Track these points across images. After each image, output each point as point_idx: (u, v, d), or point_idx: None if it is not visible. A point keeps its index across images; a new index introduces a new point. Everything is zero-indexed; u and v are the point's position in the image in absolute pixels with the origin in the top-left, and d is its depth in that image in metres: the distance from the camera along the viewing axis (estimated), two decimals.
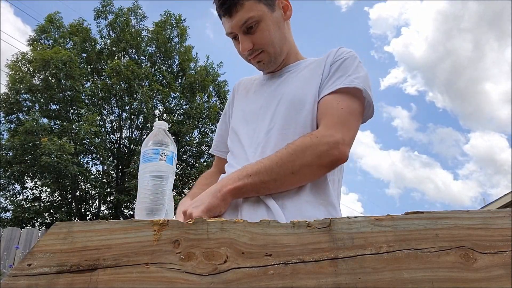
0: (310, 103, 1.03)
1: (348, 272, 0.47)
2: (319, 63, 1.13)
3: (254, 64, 1.13)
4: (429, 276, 0.47)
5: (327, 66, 1.10)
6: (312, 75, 1.10)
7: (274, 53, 1.10)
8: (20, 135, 10.44)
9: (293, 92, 1.07)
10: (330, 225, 0.50)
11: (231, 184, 0.91)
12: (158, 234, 0.48)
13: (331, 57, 1.12)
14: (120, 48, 13.24)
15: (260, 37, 1.06)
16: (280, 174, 0.93)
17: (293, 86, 1.09)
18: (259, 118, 1.09)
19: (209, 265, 0.46)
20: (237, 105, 1.25)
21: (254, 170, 0.93)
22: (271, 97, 1.12)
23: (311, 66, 1.14)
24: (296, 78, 1.12)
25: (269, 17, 1.06)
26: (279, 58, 1.12)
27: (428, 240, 0.50)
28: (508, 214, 0.53)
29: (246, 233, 0.49)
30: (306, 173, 0.95)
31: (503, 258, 0.49)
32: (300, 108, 1.04)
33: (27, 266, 0.44)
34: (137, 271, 0.45)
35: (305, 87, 1.07)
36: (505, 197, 8.40)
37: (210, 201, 0.88)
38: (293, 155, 0.94)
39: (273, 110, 1.07)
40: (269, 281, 0.46)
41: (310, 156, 0.93)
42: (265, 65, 1.12)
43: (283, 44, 1.12)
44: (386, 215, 0.53)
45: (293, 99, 1.06)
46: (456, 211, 0.53)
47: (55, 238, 0.47)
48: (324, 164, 0.95)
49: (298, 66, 1.17)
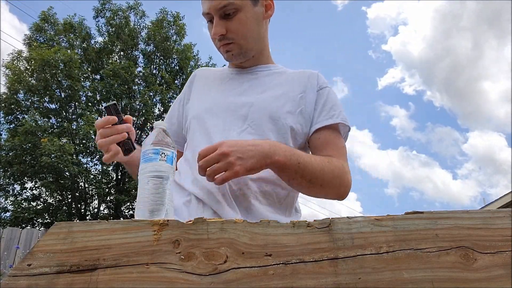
0: (285, 118, 1.03)
1: (348, 272, 0.47)
2: (300, 80, 1.12)
3: (223, 52, 1.09)
4: (429, 276, 0.47)
5: (313, 91, 1.11)
6: (291, 90, 1.09)
7: (246, 46, 1.07)
8: (20, 135, 10.44)
9: (268, 101, 1.05)
10: (330, 225, 0.50)
11: (282, 156, 0.87)
12: (158, 234, 0.48)
13: (315, 81, 1.13)
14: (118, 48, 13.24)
15: (235, 26, 1.03)
16: (317, 179, 0.93)
17: (268, 95, 1.07)
18: (230, 114, 1.04)
19: (209, 265, 0.46)
20: (198, 94, 1.18)
21: (304, 160, 0.91)
22: (243, 95, 1.08)
23: (288, 78, 1.13)
24: (270, 85, 1.10)
25: (250, 10, 1.04)
26: (249, 53, 1.09)
27: (428, 240, 0.50)
28: (508, 214, 0.53)
29: (246, 233, 0.49)
30: (327, 192, 0.98)
31: (503, 258, 0.49)
32: (275, 119, 1.03)
33: (27, 266, 0.44)
34: (137, 271, 0.45)
35: (281, 100, 1.06)
36: (505, 197, 8.40)
37: (256, 163, 0.83)
38: (333, 172, 0.96)
39: (247, 111, 1.04)
40: (269, 281, 0.46)
41: (339, 180, 0.97)
42: (234, 57, 1.08)
43: (256, 41, 1.09)
44: (386, 215, 0.53)
45: (269, 108, 1.03)
46: (456, 211, 0.53)
47: (55, 238, 0.47)
48: (341, 193, 1.00)
49: (269, 69, 1.15)
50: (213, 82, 1.17)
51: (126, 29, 13.24)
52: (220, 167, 0.81)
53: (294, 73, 1.15)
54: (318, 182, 0.93)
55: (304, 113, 1.07)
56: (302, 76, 1.14)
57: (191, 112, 1.13)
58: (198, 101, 1.14)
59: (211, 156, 0.82)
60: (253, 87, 1.10)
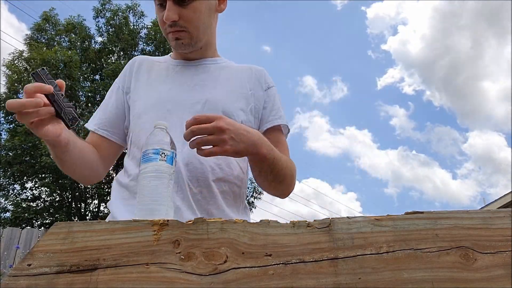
0: (238, 115, 1.03)
1: (348, 272, 0.47)
2: (249, 77, 1.12)
3: (171, 40, 1.03)
4: (429, 276, 0.47)
5: (261, 89, 1.11)
6: (241, 86, 1.09)
7: (196, 37, 1.04)
8: (19, 135, 10.44)
9: (221, 97, 1.04)
10: (330, 225, 0.50)
11: (265, 150, 0.87)
12: (158, 234, 0.48)
13: (263, 79, 1.13)
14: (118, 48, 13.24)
15: (189, 14, 0.99)
16: (279, 175, 0.96)
17: (220, 91, 1.05)
18: (186, 111, 0.99)
19: (209, 265, 0.46)
20: (143, 87, 1.09)
21: (277, 156, 0.92)
22: (195, 91, 1.05)
23: (237, 74, 1.12)
24: (220, 80, 1.08)
25: (205, 0, 1.02)
26: (199, 44, 1.06)
27: (428, 240, 0.50)
28: (508, 214, 0.53)
29: (246, 233, 0.49)
30: (282, 189, 1.02)
31: (503, 258, 0.49)
32: (229, 116, 1.00)
33: (27, 266, 0.44)
34: (137, 271, 0.45)
35: (233, 96, 1.06)
36: (505, 197, 8.40)
37: (244, 149, 0.83)
38: (291, 171, 1.01)
39: (201, 108, 1.01)
40: (269, 281, 0.46)
41: (292, 180, 1.03)
42: (183, 45, 1.04)
43: (207, 32, 1.07)
44: (386, 215, 0.53)
45: (222, 105, 1.02)
46: (456, 211, 0.53)
47: (55, 238, 0.47)
48: (289, 191, 1.05)
49: (216, 62, 1.13)
50: (158, 74, 1.10)
51: (125, 29, 13.24)
52: (211, 140, 0.79)
53: (241, 69, 1.14)
54: (280, 178, 0.97)
55: (254, 110, 1.08)
56: (250, 72, 1.14)
57: (138, 107, 1.05)
58: (145, 95, 1.06)
59: (206, 126, 0.78)
60: (204, 82, 1.07)
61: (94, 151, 1.04)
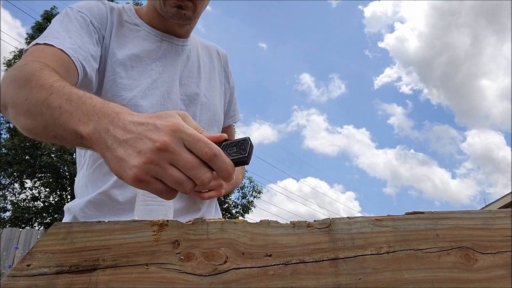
0: (220, 118, 1.03)
1: (348, 272, 0.47)
2: (218, 63, 1.08)
3: (171, 6, 0.90)
4: (429, 276, 0.47)
5: (227, 80, 1.09)
6: (217, 79, 1.05)
7: (198, 12, 0.95)
8: (19, 135, 10.44)
9: (211, 101, 1.00)
10: (330, 225, 0.50)
11: None
12: (158, 234, 0.48)
13: (227, 67, 1.11)
14: None
15: None
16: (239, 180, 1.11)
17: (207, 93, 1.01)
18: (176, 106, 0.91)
19: (209, 265, 0.46)
20: (129, 58, 0.90)
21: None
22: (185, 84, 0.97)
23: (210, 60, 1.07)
24: (205, 72, 1.03)
25: None
26: (196, 19, 0.98)
27: (428, 240, 0.50)
28: (508, 215, 0.53)
29: (246, 233, 0.49)
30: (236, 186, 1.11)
31: (504, 259, 0.49)
32: (218, 122, 1.01)
33: (26, 267, 0.44)
34: (136, 272, 0.45)
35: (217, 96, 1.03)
36: (506, 197, 8.41)
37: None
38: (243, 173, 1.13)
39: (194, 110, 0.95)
40: (269, 282, 0.45)
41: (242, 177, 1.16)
42: (184, 17, 0.92)
43: (203, 10, 0.99)
44: (386, 215, 0.52)
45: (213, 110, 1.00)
46: (457, 211, 0.53)
47: (55, 239, 0.46)
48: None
49: (192, 44, 1.05)
50: (146, 49, 0.94)
51: None
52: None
53: (209, 50, 1.09)
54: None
55: (224, 106, 1.08)
56: (217, 56, 1.11)
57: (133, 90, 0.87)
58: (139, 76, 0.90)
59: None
60: (191, 75, 1.00)
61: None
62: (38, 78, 0.62)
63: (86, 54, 0.81)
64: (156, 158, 0.45)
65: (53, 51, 0.75)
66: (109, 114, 0.50)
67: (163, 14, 0.93)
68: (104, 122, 0.50)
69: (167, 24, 0.97)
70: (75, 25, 0.82)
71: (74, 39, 0.79)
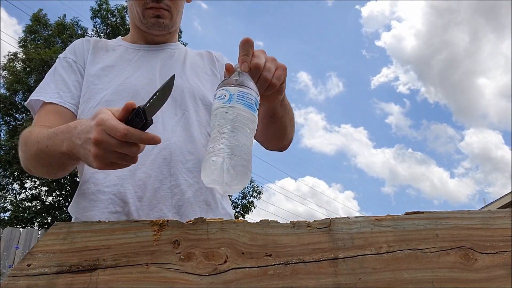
0: (209, 98, 1.03)
1: (348, 272, 0.47)
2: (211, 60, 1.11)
3: (149, 16, 1.00)
4: (429, 276, 0.47)
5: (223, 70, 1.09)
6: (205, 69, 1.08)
7: (175, 19, 1.04)
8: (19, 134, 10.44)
9: (193, 85, 1.01)
10: (330, 225, 0.50)
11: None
12: (158, 234, 0.48)
13: (222, 60, 1.13)
14: None
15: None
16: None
17: (190, 78, 1.03)
18: (142, 91, 0.94)
19: (209, 265, 0.46)
20: (102, 69, 1.00)
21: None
22: (164, 76, 0.98)
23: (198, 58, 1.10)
24: (186, 65, 1.06)
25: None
26: (174, 27, 1.07)
27: (428, 240, 0.50)
28: (508, 214, 0.53)
29: (246, 233, 0.49)
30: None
31: (503, 258, 0.49)
32: (208, 104, 1.01)
33: (27, 266, 0.44)
34: (136, 271, 0.45)
35: (203, 81, 1.05)
36: (505, 197, 8.41)
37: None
38: None
39: (178, 98, 0.97)
40: (269, 281, 0.45)
41: None
42: (162, 26, 1.02)
43: (180, 17, 1.09)
44: (386, 215, 0.53)
45: (201, 98, 1.01)
46: (456, 211, 0.53)
47: (55, 238, 0.47)
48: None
49: (178, 48, 1.11)
50: (121, 58, 1.03)
51: (122, 28, 13.26)
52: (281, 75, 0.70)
53: (201, 53, 1.14)
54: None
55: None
56: (207, 54, 1.14)
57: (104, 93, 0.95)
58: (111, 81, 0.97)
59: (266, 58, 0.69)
60: (173, 68, 1.03)
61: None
62: (28, 139, 0.88)
63: (70, 91, 0.99)
64: (97, 150, 0.61)
65: (45, 107, 0.97)
66: (70, 131, 0.71)
67: (144, 26, 1.03)
68: (69, 137, 0.71)
69: (148, 38, 1.06)
70: (60, 73, 1.02)
71: (60, 86, 0.99)
